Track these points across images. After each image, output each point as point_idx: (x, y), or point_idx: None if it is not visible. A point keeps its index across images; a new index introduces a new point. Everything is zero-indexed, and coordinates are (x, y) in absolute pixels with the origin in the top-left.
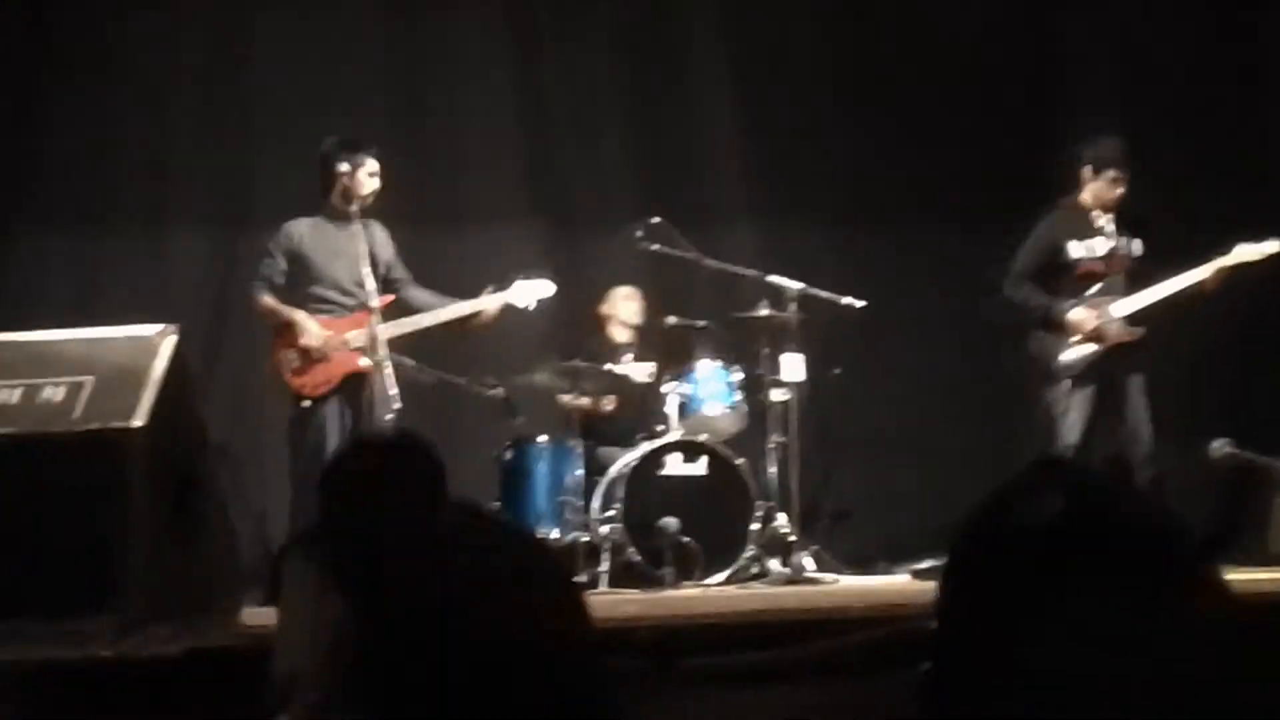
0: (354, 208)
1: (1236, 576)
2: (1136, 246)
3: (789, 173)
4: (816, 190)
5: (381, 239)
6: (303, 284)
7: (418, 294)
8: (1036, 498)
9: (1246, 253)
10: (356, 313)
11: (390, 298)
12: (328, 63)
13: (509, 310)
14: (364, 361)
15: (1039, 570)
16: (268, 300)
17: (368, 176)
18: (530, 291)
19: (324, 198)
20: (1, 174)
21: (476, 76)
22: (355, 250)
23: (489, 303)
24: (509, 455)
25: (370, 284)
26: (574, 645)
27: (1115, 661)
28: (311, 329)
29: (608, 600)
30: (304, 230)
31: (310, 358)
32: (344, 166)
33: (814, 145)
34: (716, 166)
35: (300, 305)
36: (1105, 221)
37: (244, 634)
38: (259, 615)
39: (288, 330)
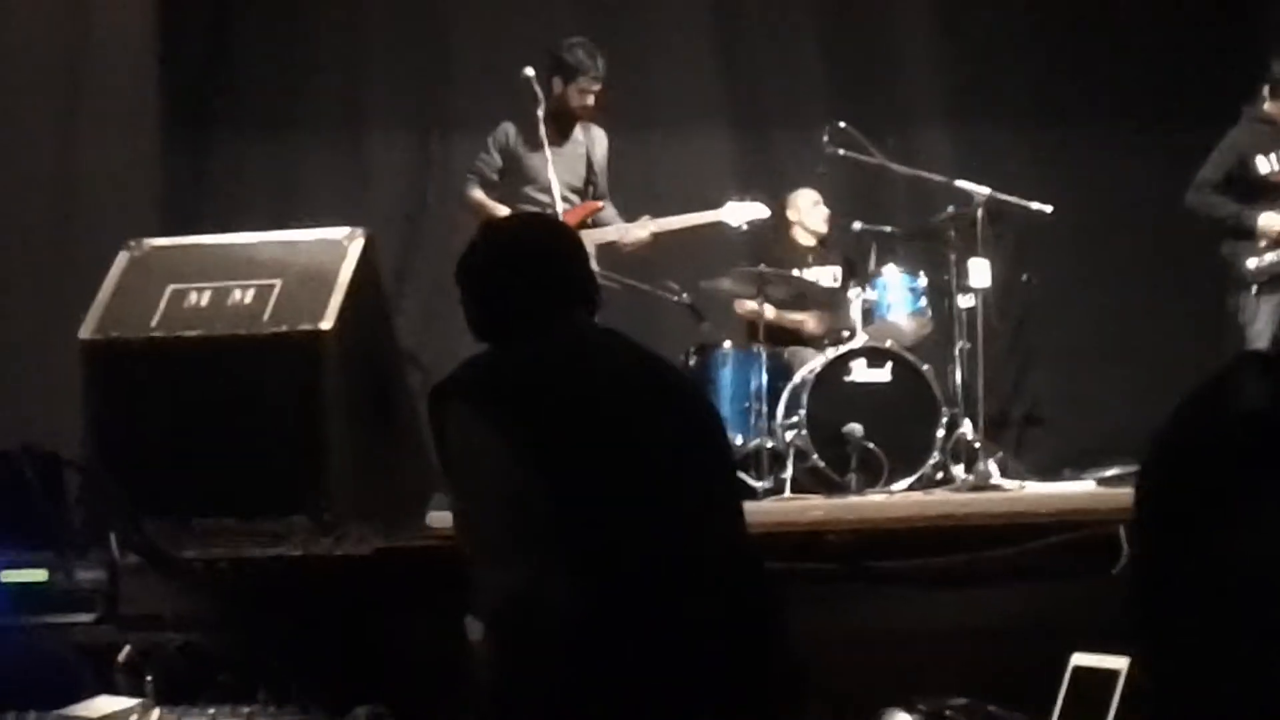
0: (575, 118)
1: None
2: None
3: (980, 77)
4: (1008, 94)
5: (601, 145)
6: (517, 183)
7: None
8: (1242, 389)
9: None
10: (566, 214)
11: (600, 203)
12: None
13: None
14: None
15: (1249, 458)
16: (478, 195)
17: (581, 93)
18: (743, 212)
19: (546, 98)
20: (201, 79)
21: None
22: (573, 153)
23: (705, 218)
24: (694, 361)
25: (585, 189)
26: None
27: None
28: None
29: (793, 505)
30: (521, 129)
31: None
32: (563, 79)
33: (1005, 49)
34: (906, 70)
35: (510, 205)
36: None
37: (432, 536)
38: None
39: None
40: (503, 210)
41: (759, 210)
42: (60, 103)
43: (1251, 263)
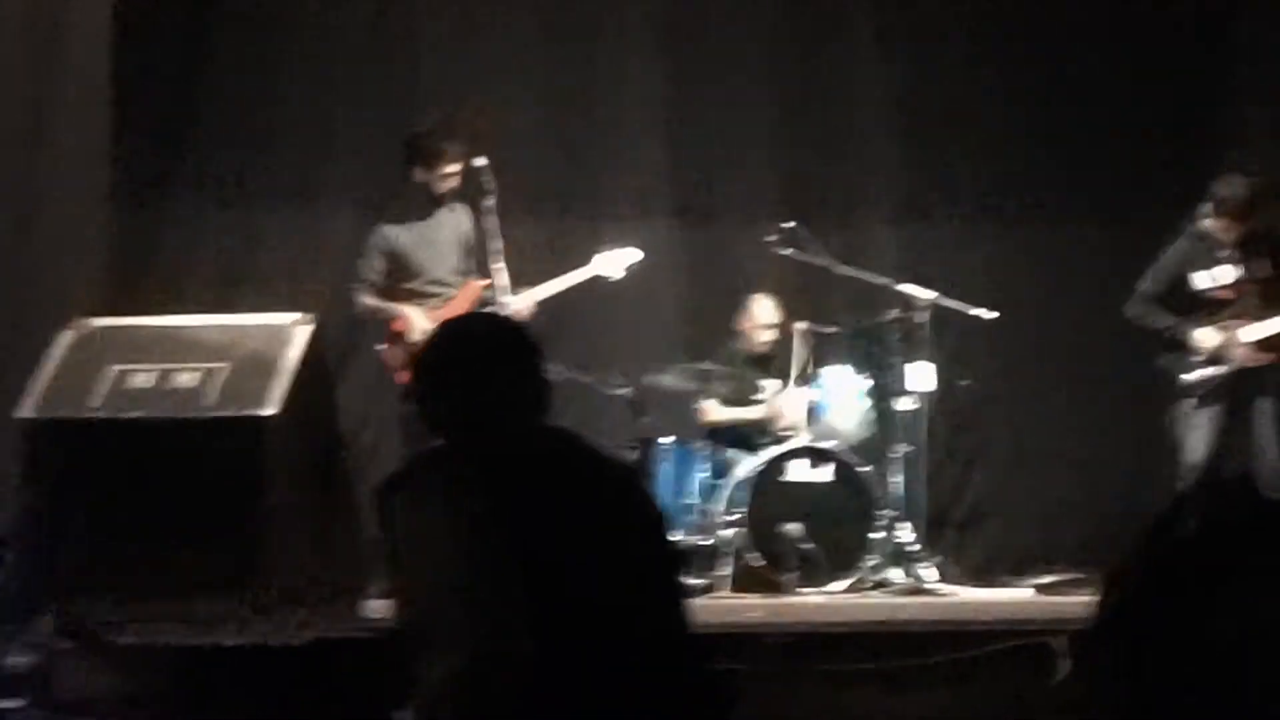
0: (443, 196)
1: None
2: (1263, 268)
3: (928, 181)
4: (955, 199)
5: (467, 222)
6: (402, 280)
7: None
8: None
9: None
10: (456, 299)
11: (483, 283)
12: (484, 60)
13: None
14: None
15: (1201, 586)
16: (369, 301)
17: (444, 177)
18: (616, 261)
19: (412, 188)
20: (156, 153)
21: (625, 71)
22: (448, 238)
23: (577, 277)
24: (634, 455)
25: (468, 269)
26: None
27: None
28: (419, 320)
29: (731, 604)
30: (396, 227)
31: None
32: (426, 159)
33: (954, 154)
34: (855, 172)
35: (403, 301)
36: (1230, 249)
37: (367, 626)
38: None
39: (395, 323)
40: (397, 310)
41: (632, 255)
42: (7, 176)
43: (1188, 376)
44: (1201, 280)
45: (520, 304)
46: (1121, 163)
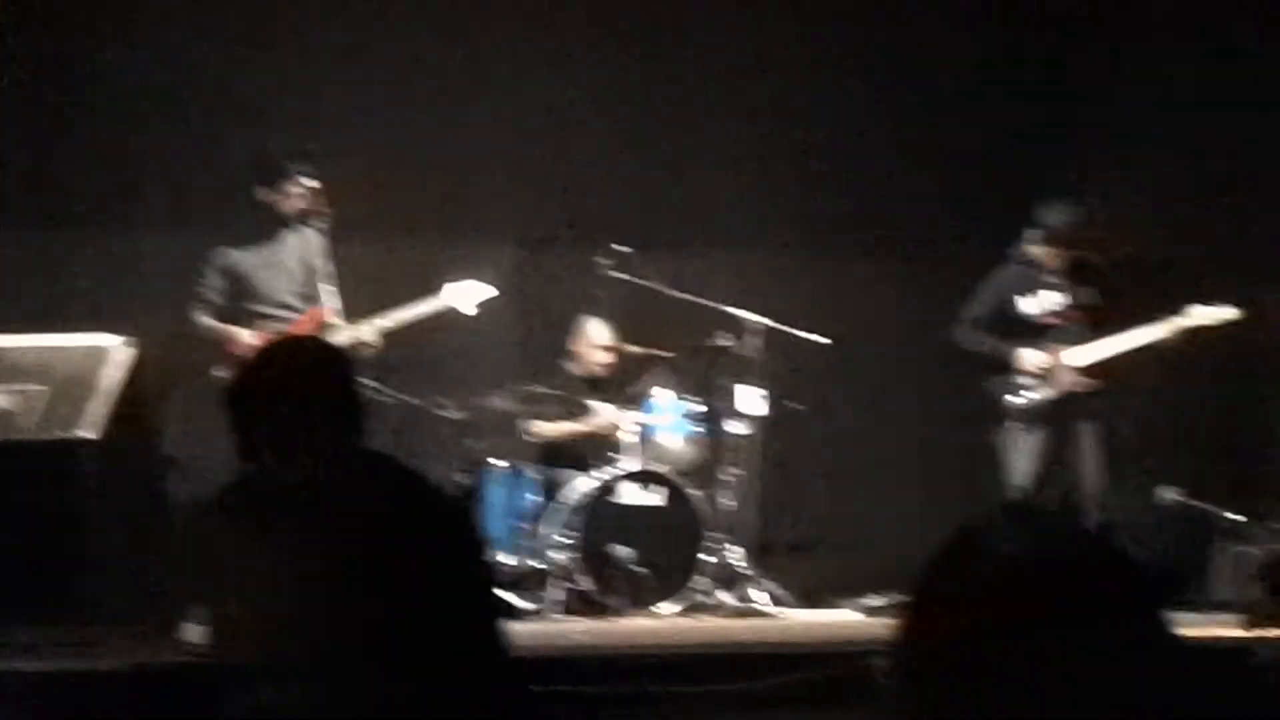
0: (287, 219)
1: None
2: (1090, 294)
3: (760, 207)
4: (786, 225)
5: (315, 246)
6: (242, 301)
7: None
8: (1002, 537)
9: (1203, 315)
10: (298, 325)
11: (325, 310)
12: (309, 74)
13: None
14: None
15: (1002, 609)
16: (207, 321)
17: (288, 196)
18: (467, 294)
19: (258, 208)
20: None
21: (463, 92)
22: (290, 261)
23: (428, 308)
24: (464, 478)
25: (312, 293)
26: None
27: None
28: (251, 346)
29: (558, 627)
30: (236, 249)
31: None
32: (271, 178)
33: (784, 180)
34: (689, 199)
35: (241, 324)
36: (1057, 275)
37: (189, 650)
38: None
39: (230, 349)
40: (237, 332)
41: (485, 290)
42: None
43: (1014, 399)
44: (1028, 305)
45: (366, 333)
46: (950, 191)
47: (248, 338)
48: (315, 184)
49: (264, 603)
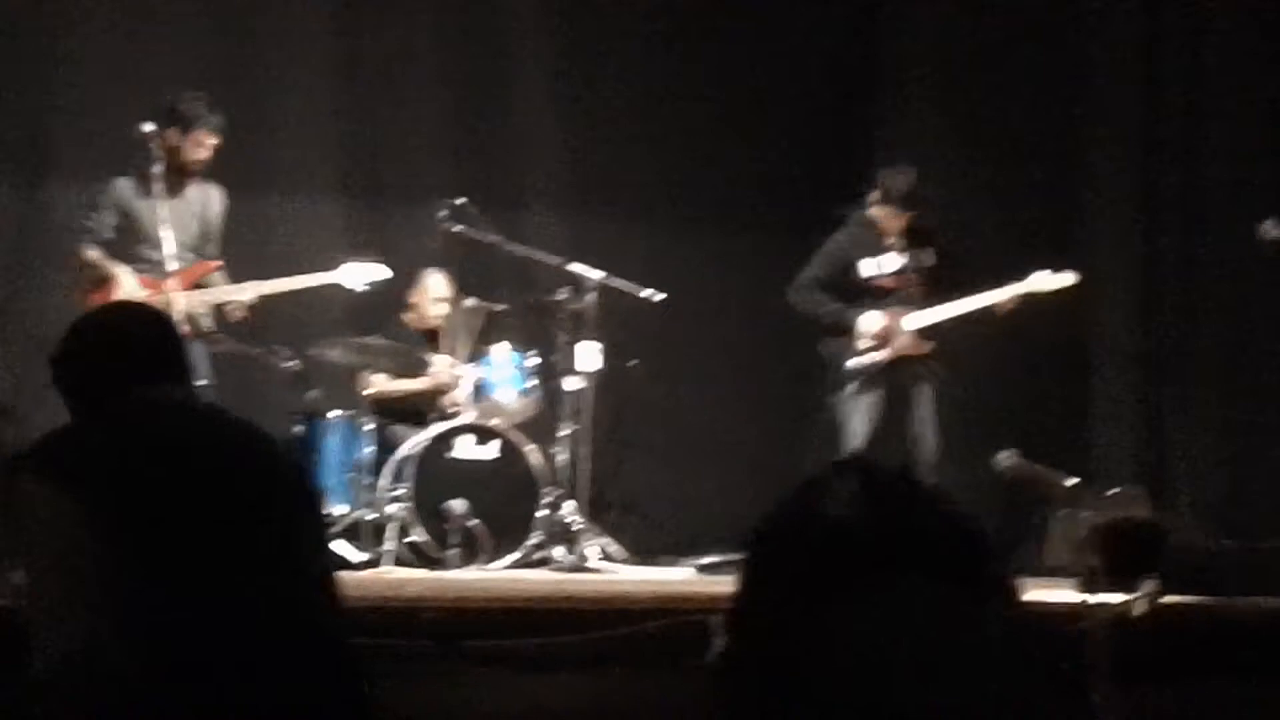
0: (189, 171)
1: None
2: (928, 257)
3: (598, 163)
4: (624, 182)
5: (217, 203)
6: (130, 241)
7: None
8: (838, 496)
9: (1043, 281)
10: (181, 274)
11: (218, 263)
12: (140, 16)
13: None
14: (185, 327)
15: (838, 568)
16: (92, 254)
17: (196, 145)
18: (361, 273)
19: (161, 156)
20: None
21: (294, 44)
22: (187, 211)
23: (320, 280)
24: (299, 429)
25: (198, 246)
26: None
27: (910, 663)
28: (131, 286)
29: (391, 579)
30: (133, 188)
31: None
32: (180, 130)
33: (623, 139)
34: (528, 152)
35: (125, 262)
36: (896, 237)
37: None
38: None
39: (104, 285)
40: (119, 268)
41: (380, 271)
42: None
43: (851, 362)
44: (867, 268)
45: (244, 293)
46: (785, 152)
47: (129, 280)
48: (142, 128)
49: (79, 562)
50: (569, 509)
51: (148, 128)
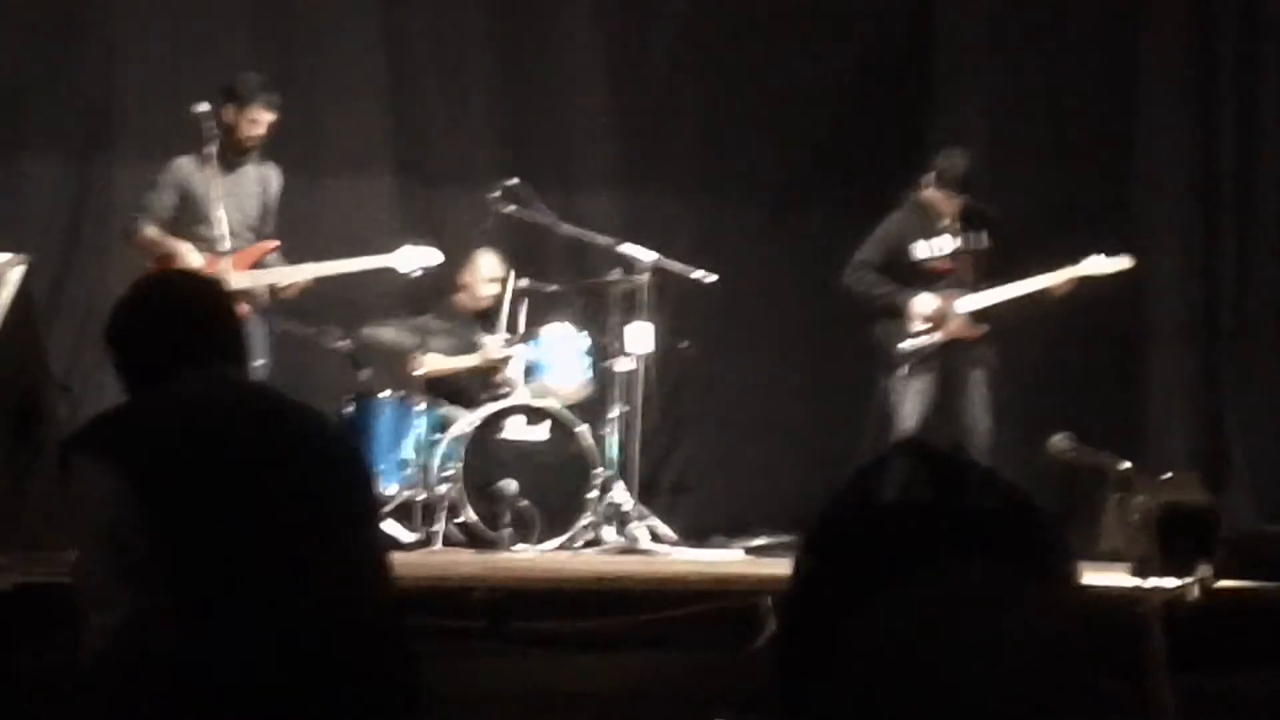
0: (245, 149)
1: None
2: (982, 240)
3: (653, 143)
4: (676, 163)
5: (275, 183)
6: (189, 221)
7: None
8: (894, 480)
9: (1098, 265)
10: (239, 254)
11: (275, 243)
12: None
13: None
14: (244, 306)
15: (896, 553)
16: (151, 232)
17: (252, 122)
18: (417, 257)
19: (218, 135)
20: None
21: (346, 25)
22: (246, 191)
23: (375, 263)
24: (351, 410)
25: (259, 226)
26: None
27: (969, 647)
28: (194, 262)
29: (442, 559)
30: (193, 168)
31: None
32: (235, 107)
33: (675, 120)
34: (580, 133)
35: (186, 241)
36: (950, 220)
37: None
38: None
39: (167, 262)
40: (179, 245)
41: (434, 256)
42: None
43: (903, 345)
44: (921, 250)
45: (301, 274)
46: (838, 134)
47: (193, 256)
48: (197, 107)
49: (129, 541)
50: (619, 490)
51: (203, 107)
